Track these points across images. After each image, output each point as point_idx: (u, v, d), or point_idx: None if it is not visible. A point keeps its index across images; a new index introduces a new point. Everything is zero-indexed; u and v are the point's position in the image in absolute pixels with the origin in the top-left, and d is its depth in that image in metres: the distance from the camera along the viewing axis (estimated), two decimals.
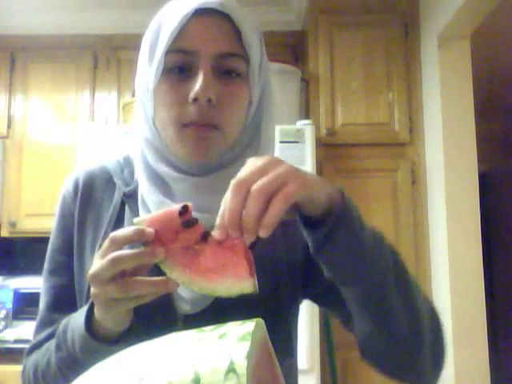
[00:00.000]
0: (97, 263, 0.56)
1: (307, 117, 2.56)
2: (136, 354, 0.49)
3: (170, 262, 0.56)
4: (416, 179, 2.51)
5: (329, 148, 2.51)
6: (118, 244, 0.56)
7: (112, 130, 2.49)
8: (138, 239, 0.56)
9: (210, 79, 0.66)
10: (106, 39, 2.93)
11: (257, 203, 0.51)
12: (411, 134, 2.53)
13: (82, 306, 0.73)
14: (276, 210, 0.51)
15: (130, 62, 2.89)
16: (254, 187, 0.51)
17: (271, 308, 0.72)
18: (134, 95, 2.61)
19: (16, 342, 2.46)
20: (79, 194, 0.79)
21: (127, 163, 0.81)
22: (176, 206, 0.58)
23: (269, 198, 0.51)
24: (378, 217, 2.46)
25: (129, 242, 0.56)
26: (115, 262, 0.55)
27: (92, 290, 0.58)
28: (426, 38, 2.52)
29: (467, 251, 2.26)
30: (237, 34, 0.69)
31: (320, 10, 2.61)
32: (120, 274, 0.56)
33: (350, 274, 0.60)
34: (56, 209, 0.81)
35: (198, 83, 0.65)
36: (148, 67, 0.70)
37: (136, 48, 0.74)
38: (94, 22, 2.94)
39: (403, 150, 2.53)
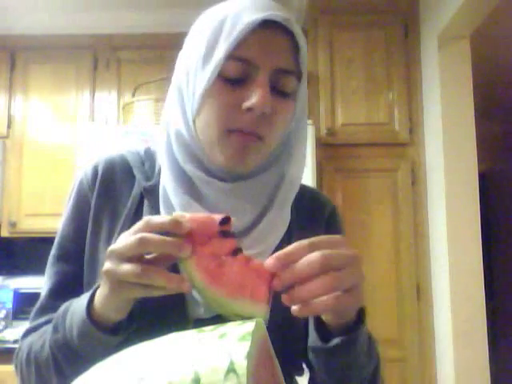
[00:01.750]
0: (122, 240, 0.56)
1: (307, 117, 2.56)
2: (136, 354, 0.49)
3: (193, 263, 0.55)
4: (416, 179, 2.51)
5: (329, 148, 2.51)
6: (151, 227, 0.56)
7: (112, 130, 2.48)
8: (172, 229, 0.55)
9: (268, 93, 0.66)
10: (106, 39, 2.93)
11: (321, 288, 0.53)
12: (411, 134, 2.53)
13: None
14: (324, 306, 0.54)
15: (130, 62, 2.90)
16: (335, 277, 0.53)
17: (287, 320, 0.72)
18: (134, 95, 2.61)
19: (16, 341, 2.46)
20: (98, 183, 0.77)
21: (148, 156, 0.80)
22: (218, 216, 0.57)
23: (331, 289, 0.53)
24: (378, 217, 2.46)
25: (163, 228, 0.55)
26: (142, 241, 0.54)
27: (106, 265, 0.56)
28: (425, 38, 2.52)
29: (467, 251, 2.26)
30: (294, 50, 0.69)
31: (320, 9, 2.61)
32: (139, 259, 0.55)
33: (332, 376, 0.67)
34: (70, 193, 0.79)
35: (257, 95, 0.65)
36: (202, 66, 0.68)
37: (136, 48, 0.73)
38: (94, 22, 2.94)
39: (403, 150, 2.53)
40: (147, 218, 0.57)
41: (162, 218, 0.57)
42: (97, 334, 0.60)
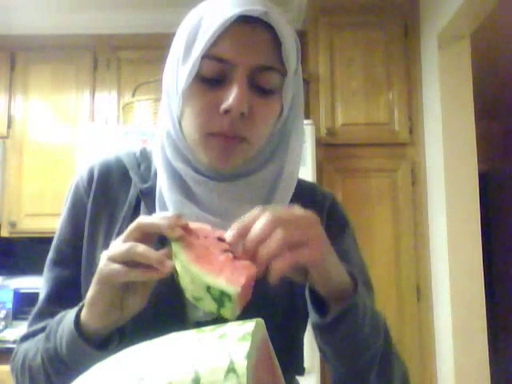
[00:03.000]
0: (114, 246, 0.58)
1: (307, 117, 2.56)
2: (136, 354, 0.49)
3: (182, 248, 0.56)
4: (416, 179, 2.51)
5: (329, 148, 2.51)
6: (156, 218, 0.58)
7: (112, 130, 2.48)
8: (174, 220, 0.57)
9: (245, 92, 0.64)
10: (105, 39, 2.93)
11: (278, 244, 0.53)
12: (411, 134, 2.53)
13: None
14: (286, 262, 0.53)
15: (130, 61, 2.90)
16: (285, 231, 0.54)
17: (286, 322, 0.72)
18: (134, 95, 2.61)
19: (16, 342, 2.46)
20: (94, 186, 0.76)
21: (144, 158, 0.79)
22: (220, 231, 0.59)
23: (289, 245, 0.54)
24: (378, 217, 2.46)
25: (159, 230, 0.57)
26: (139, 224, 0.57)
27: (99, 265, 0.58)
28: (425, 38, 2.52)
29: (467, 251, 2.26)
30: (277, 45, 0.66)
31: (320, 9, 2.61)
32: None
33: (339, 355, 0.63)
34: (67, 196, 0.79)
35: (233, 95, 0.63)
36: (181, 66, 0.67)
37: (136, 48, 0.73)
38: (94, 22, 2.94)
39: (403, 150, 2.53)
40: (140, 219, 0.58)
41: (167, 213, 0.59)
42: (84, 347, 0.60)
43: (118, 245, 0.57)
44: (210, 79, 0.65)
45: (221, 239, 0.58)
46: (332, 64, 2.56)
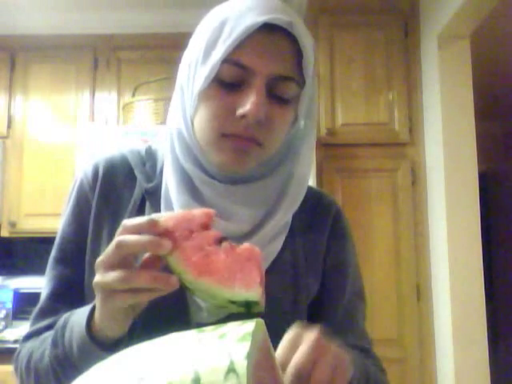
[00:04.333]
0: (105, 250, 0.56)
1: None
2: (136, 354, 0.49)
3: (178, 258, 0.54)
4: (416, 179, 2.51)
5: (329, 148, 2.51)
6: (128, 230, 0.55)
7: (112, 130, 2.49)
8: (148, 228, 0.54)
9: (263, 100, 0.65)
10: (106, 39, 2.93)
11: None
12: (411, 134, 2.53)
13: (90, 299, 0.70)
14: None
15: (130, 61, 2.90)
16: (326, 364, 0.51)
17: (289, 321, 0.72)
18: (134, 95, 2.61)
19: (16, 341, 2.46)
20: (98, 184, 0.75)
21: (149, 156, 0.78)
22: (197, 211, 0.57)
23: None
24: (378, 217, 2.46)
25: (139, 229, 0.54)
26: (119, 244, 0.54)
27: (95, 278, 0.56)
28: (425, 38, 2.52)
29: (467, 251, 2.26)
30: (297, 55, 0.67)
31: (320, 9, 2.61)
32: (126, 266, 0.54)
33: None
34: (70, 193, 0.77)
35: (251, 102, 0.64)
36: (199, 67, 0.67)
37: (136, 48, 0.73)
38: (94, 22, 2.94)
39: (403, 150, 2.53)
40: (124, 222, 0.56)
41: (139, 219, 0.55)
42: (97, 351, 0.59)
43: (111, 276, 0.54)
44: (227, 83, 0.66)
45: (204, 226, 0.56)
46: (332, 64, 2.56)
